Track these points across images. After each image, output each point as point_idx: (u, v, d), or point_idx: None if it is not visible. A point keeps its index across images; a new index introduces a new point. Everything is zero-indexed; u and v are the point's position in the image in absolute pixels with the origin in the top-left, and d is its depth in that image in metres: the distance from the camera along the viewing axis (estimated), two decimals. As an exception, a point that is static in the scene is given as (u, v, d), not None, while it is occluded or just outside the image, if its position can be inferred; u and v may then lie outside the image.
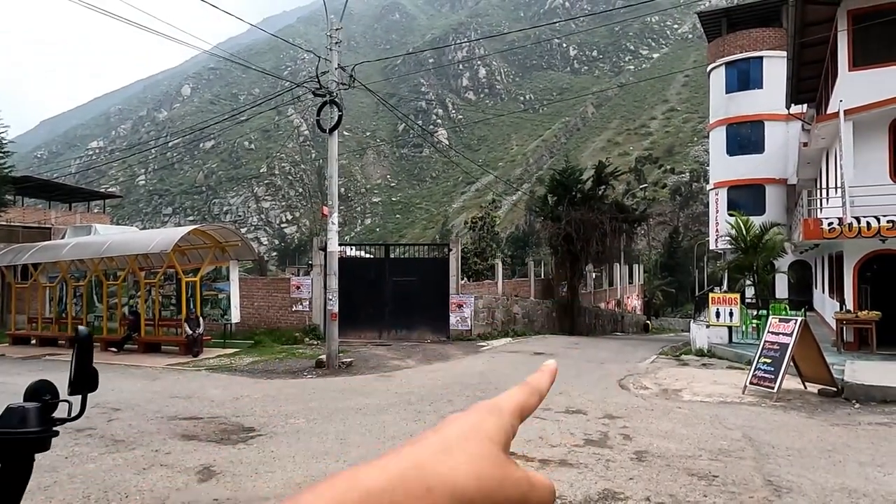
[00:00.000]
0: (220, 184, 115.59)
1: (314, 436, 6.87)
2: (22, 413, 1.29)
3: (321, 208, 13.81)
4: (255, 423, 7.45)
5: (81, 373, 1.41)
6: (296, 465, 5.76)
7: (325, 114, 12.69)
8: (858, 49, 14.13)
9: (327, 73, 12.56)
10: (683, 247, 58.00)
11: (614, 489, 5.12)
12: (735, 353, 13.47)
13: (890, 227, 12.15)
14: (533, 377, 0.49)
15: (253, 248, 16.91)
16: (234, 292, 15.40)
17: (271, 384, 10.63)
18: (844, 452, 6.26)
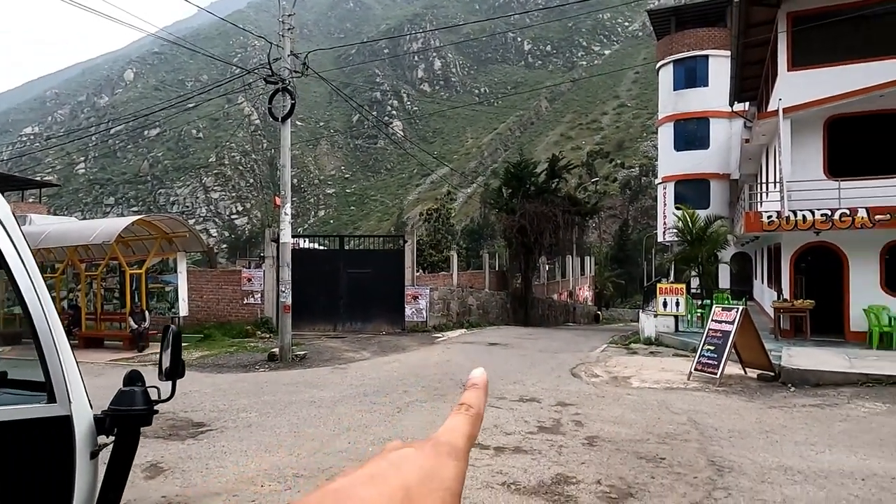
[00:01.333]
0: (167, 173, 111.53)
1: (267, 429, 6.76)
2: (132, 396, 1.72)
3: (273, 199, 13.52)
4: (206, 418, 7.26)
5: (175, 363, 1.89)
6: (248, 459, 5.66)
7: (277, 102, 12.40)
8: (797, 50, 14.78)
9: (279, 60, 12.27)
10: (633, 239, 59.60)
11: (567, 474, 5.25)
12: (681, 342, 13.97)
13: (823, 220, 12.81)
14: (469, 397, 0.46)
15: (202, 240, 16.41)
16: (181, 285, 14.93)
17: (222, 378, 10.38)
18: (781, 433, 6.60)
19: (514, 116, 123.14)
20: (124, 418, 1.79)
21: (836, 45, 14.52)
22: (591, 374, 10.75)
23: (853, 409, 7.68)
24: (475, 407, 0.45)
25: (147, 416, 1.81)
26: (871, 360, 10.33)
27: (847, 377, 9.19)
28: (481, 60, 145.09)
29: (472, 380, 0.48)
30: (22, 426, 1.65)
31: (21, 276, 1.77)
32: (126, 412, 1.79)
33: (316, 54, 15.54)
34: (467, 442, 0.42)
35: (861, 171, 13.55)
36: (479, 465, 5.44)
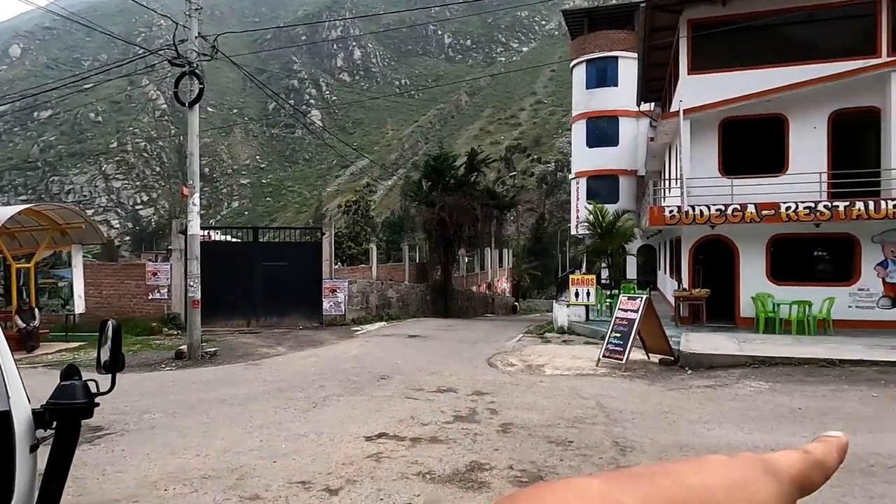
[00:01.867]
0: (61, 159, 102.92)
1: (172, 430, 6.44)
2: (72, 389, 1.75)
3: (181, 188, 12.82)
4: (104, 422, 6.81)
5: (114, 356, 1.93)
6: (150, 463, 5.37)
7: (184, 86, 11.75)
8: (696, 55, 15.79)
9: (186, 41, 11.62)
10: (549, 232, 61.58)
11: (481, 461, 5.37)
12: (591, 330, 14.62)
13: (718, 214, 13.81)
14: (814, 446, 0.40)
15: (100, 231, 15.31)
16: (77, 279, 13.89)
17: (124, 379, 9.69)
18: (678, 413, 7.08)
19: (435, 109, 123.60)
20: (64, 412, 1.84)
21: (732, 52, 15.64)
22: (507, 363, 11.04)
23: (741, 389, 8.36)
24: (815, 453, 0.40)
25: (88, 408, 1.85)
26: (758, 344, 11.28)
27: (737, 359, 9.99)
28: (402, 52, 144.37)
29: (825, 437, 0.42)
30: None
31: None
32: (66, 406, 1.83)
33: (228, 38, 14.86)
34: (794, 474, 0.37)
35: (751, 169, 14.72)
36: (394, 457, 5.46)
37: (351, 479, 4.92)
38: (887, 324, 13.33)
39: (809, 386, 8.39)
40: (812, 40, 15.28)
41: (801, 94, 14.13)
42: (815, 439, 0.42)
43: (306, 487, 4.75)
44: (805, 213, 13.21)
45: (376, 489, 4.69)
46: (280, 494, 4.61)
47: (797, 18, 14.98)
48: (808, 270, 14.47)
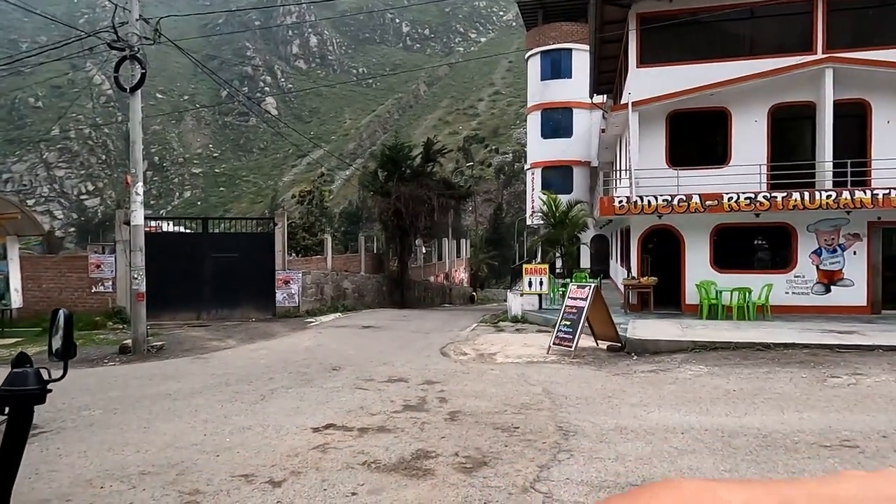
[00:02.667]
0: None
1: (112, 427, 6.27)
2: (24, 376, 1.77)
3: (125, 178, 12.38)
4: (39, 420, 6.55)
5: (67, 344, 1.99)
6: (87, 461, 5.22)
7: (125, 71, 11.31)
8: (645, 48, 16.15)
9: (127, 24, 11.18)
10: (506, 222, 62.12)
11: (427, 449, 5.43)
12: (544, 318, 14.88)
13: (665, 205, 14.23)
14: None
15: (38, 222, 14.67)
16: (13, 273, 13.28)
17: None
18: (620, 397, 7.31)
19: (393, 99, 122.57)
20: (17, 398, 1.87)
21: (679, 46, 16.06)
22: (460, 352, 11.14)
23: (681, 373, 8.68)
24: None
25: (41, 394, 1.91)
26: (700, 329, 11.72)
27: (679, 345, 10.36)
28: (359, 40, 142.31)
29: None
30: None
31: None
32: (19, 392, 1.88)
33: (177, 22, 14.36)
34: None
35: (696, 161, 15.21)
36: (341, 448, 5.46)
37: (295, 470, 4.90)
38: (820, 308, 14.06)
39: (745, 369, 8.77)
40: (753, 36, 15.84)
41: (742, 88, 14.66)
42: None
43: (249, 480, 4.71)
44: (746, 204, 13.75)
45: (320, 480, 4.69)
46: (222, 488, 4.56)
47: (740, 15, 15.50)
48: (749, 259, 15.09)
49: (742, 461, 5.01)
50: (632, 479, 4.68)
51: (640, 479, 4.66)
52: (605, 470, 4.86)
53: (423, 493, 4.44)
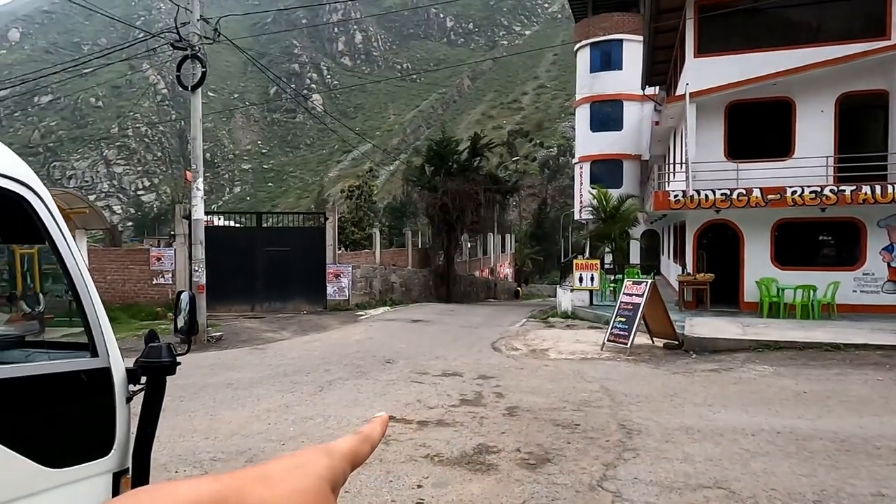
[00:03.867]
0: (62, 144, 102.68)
1: (181, 414, 6.48)
2: (159, 350, 2.11)
3: (184, 174, 12.80)
4: (112, 405, 6.86)
5: (191, 322, 2.38)
6: (160, 445, 5.39)
7: (186, 69, 11.67)
8: (703, 37, 15.61)
9: (188, 24, 11.52)
10: (551, 217, 61.46)
11: (488, 443, 5.40)
12: (595, 315, 14.64)
13: (723, 199, 13.75)
14: (366, 427, 0.50)
15: (103, 216, 15.32)
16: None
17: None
18: (683, 396, 7.11)
19: (437, 94, 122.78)
20: (153, 369, 2.21)
21: (739, 34, 15.47)
22: (511, 347, 11.07)
23: (745, 373, 8.38)
24: (368, 432, 0.49)
25: (171, 366, 2.22)
26: (761, 328, 11.29)
27: (740, 343, 10.00)
28: (403, 36, 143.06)
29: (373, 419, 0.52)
30: (74, 376, 2.10)
31: (66, 255, 2.16)
32: (154, 363, 2.20)
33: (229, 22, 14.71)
34: (349, 452, 0.46)
35: (757, 153, 14.63)
36: (402, 440, 5.49)
37: (359, 461, 4.95)
38: (891, 308, 13.33)
39: (814, 370, 8.40)
40: (820, 22, 15.10)
41: (808, 77, 13.99)
42: (367, 421, 0.52)
43: (315, 469, 4.78)
44: (811, 198, 13.15)
45: (385, 471, 4.73)
46: (289, 476, 4.64)
47: (805, 0, 14.80)
48: (813, 255, 14.44)
49: (820, 466, 4.79)
50: (702, 480, 4.54)
51: (712, 481, 4.51)
52: (673, 471, 4.73)
53: (487, 488, 4.42)
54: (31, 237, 2.27)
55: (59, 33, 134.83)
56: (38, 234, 2.19)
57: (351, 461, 0.45)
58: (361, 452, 0.47)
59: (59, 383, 2.10)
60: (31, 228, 2.18)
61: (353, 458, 0.46)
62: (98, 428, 2.18)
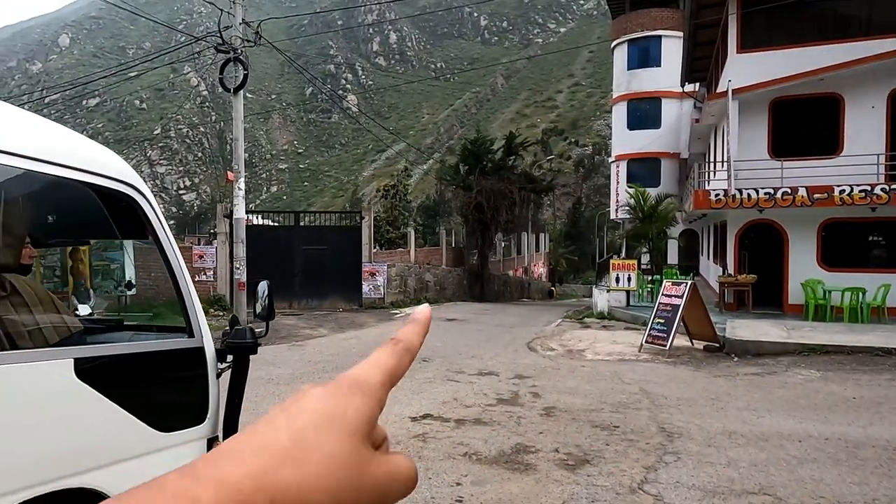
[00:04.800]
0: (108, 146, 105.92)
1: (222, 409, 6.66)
2: (244, 332, 2.44)
3: (226, 173, 13.13)
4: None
5: (269, 309, 2.70)
6: (207, 437, 5.58)
7: (228, 72, 11.97)
8: (746, 33, 15.22)
9: (230, 28, 11.80)
10: (586, 216, 60.79)
11: (525, 443, 5.40)
12: (632, 315, 14.43)
13: (767, 198, 13.38)
14: (403, 331, 0.42)
15: (149, 215, 15.83)
16: (129, 263, 14.41)
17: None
18: (725, 400, 6.95)
19: (471, 93, 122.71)
20: (238, 349, 2.60)
21: (783, 29, 15.02)
22: (547, 347, 11.01)
23: (790, 377, 8.14)
24: (406, 341, 0.41)
25: (254, 346, 2.61)
26: (807, 331, 10.95)
27: (785, 347, 9.73)
28: (437, 35, 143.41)
29: (413, 314, 0.44)
30: (177, 353, 2.51)
31: (168, 249, 2.52)
32: (239, 344, 2.59)
33: (267, 24, 15.03)
34: (386, 377, 0.38)
35: (802, 151, 14.19)
36: (440, 438, 5.53)
37: (398, 457, 5.01)
38: (947, 312, 12.76)
39: (864, 375, 8.11)
40: (870, 15, 14.55)
41: (858, 71, 13.49)
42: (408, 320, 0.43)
43: (355, 465, 4.86)
44: (860, 197, 12.68)
45: (424, 468, 4.77)
46: (331, 471, 4.73)
47: (855, -8, 14.29)
48: (863, 256, 13.93)
49: (872, 474, 4.63)
50: (747, 486, 4.44)
51: (758, 487, 4.41)
52: (716, 475, 4.64)
53: (527, 488, 4.42)
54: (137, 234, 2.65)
55: (105, 38, 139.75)
56: (143, 231, 2.50)
57: (390, 384, 0.38)
58: (401, 368, 0.39)
59: (165, 359, 2.49)
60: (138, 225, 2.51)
61: (392, 379, 0.38)
62: (195, 399, 2.57)
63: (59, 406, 2.14)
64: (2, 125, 2.04)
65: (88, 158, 2.32)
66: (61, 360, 2.13)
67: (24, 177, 2.07)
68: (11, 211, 2.29)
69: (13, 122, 2.12)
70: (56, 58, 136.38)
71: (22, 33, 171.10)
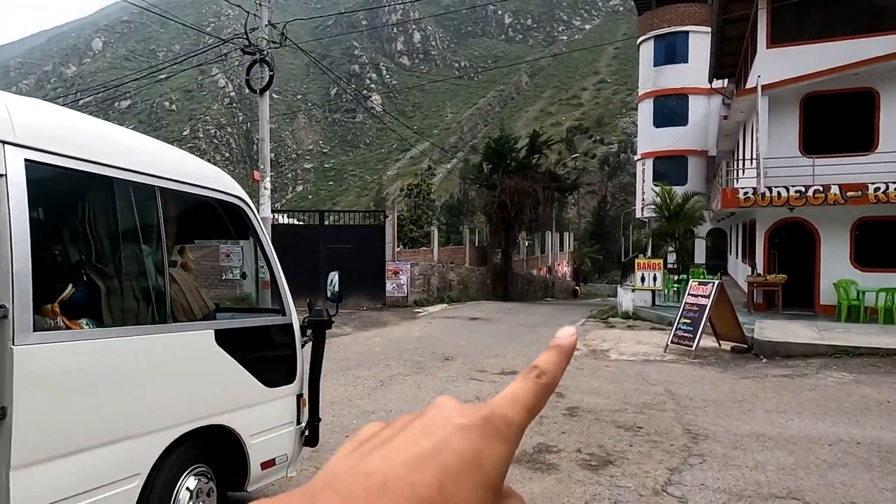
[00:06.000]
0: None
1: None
2: (321, 311, 3.60)
3: (252, 173, 13.32)
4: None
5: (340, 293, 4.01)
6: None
7: (254, 73, 12.14)
8: (776, 27, 14.88)
9: (256, 29, 11.97)
10: (611, 215, 60.13)
11: (548, 443, 5.38)
12: (657, 315, 14.25)
13: (797, 196, 13.08)
14: (544, 360, 0.37)
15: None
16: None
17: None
18: (753, 402, 6.83)
19: (495, 91, 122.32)
20: (317, 324, 3.59)
21: (815, 23, 14.66)
22: (571, 347, 10.92)
23: (821, 379, 7.96)
24: (549, 375, 0.36)
25: (329, 323, 3.62)
26: (839, 333, 10.67)
27: (816, 349, 9.50)
28: (461, 34, 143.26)
29: (556, 339, 0.38)
30: (275, 328, 3.52)
31: (267, 247, 3.48)
32: (318, 321, 3.58)
33: (292, 25, 15.20)
34: (526, 417, 0.35)
35: (834, 148, 13.83)
36: (462, 436, 5.54)
37: (420, 455, 5.04)
38: None
39: (899, 378, 7.89)
40: (908, 7, 14.11)
41: (894, 66, 13.09)
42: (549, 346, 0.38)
43: (378, 462, 4.89)
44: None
45: (445, 466, 4.78)
46: (353, 467, 4.77)
47: (891, -17, 13.87)
48: (898, 256, 13.52)
49: (906, 480, 4.50)
50: (775, 489, 4.36)
51: (786, 491, 4.33)
52: (743, 478, 4.56)
53: (548, 487, 4.40)
54: (245, 235, 3.57)
55: (136, 41, 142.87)
56: (247, 233, 3.47)
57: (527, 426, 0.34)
58: (539, 408, 0.35)
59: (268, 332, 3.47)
60: (245, 228, 3.42)
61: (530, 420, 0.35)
62: (288, 363, 3.48)
63: (206, 364, 3.03)
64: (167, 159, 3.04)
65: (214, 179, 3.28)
66: (206, 330, 3.08)
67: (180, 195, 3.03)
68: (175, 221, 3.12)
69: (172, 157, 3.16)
70: (89, 61, 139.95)
71: (57, 38, 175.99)
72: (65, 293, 2.61)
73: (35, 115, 2.49)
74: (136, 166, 2.75)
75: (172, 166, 3.01)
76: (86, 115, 2.99)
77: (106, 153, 2.64)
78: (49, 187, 2.48)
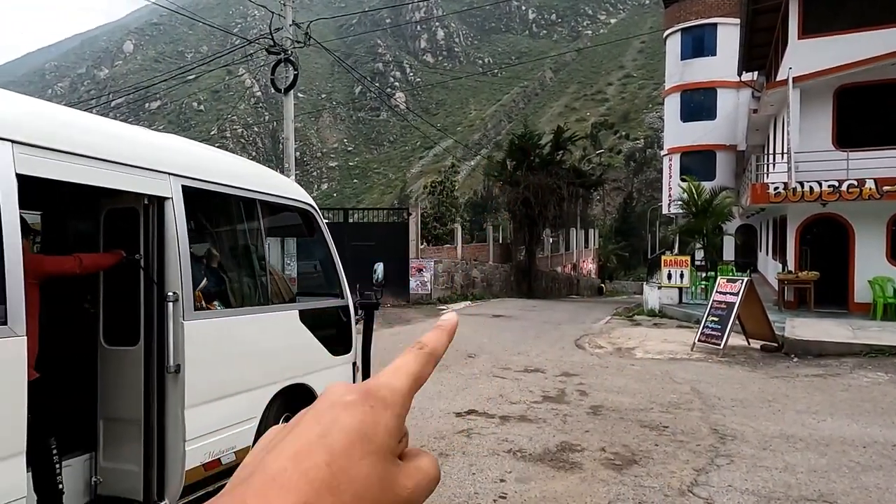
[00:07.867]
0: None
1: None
2: (370, 296, 4.80)
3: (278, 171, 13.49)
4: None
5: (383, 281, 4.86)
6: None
7: (279, 73, 12.28)
8: (808, 17, 14.49)
9: (281, 29, 12.10)
10: (637, 212, 59.34)
11: (571, 441, 5.34)
12: (684, 313, 14.02)
13: (831, 191, 12.73)
14: (429, 336, 0.42)
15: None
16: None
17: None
18: (783, 402, 6.68)
19: (518, 87, 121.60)
20: (367, 306, 4.61)
21: (848, 12, 14.24)
22: (595, 345, 10.84)
23: (855, 379, 7.74)
24: (430, 346, 0.40)
25: (377, 305, 4.70)
26: (875, 331, 10.37)
27: (850, 348, 9.24)
28: (485, 30, 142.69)
29: (439, 321, 0.43)
30: (337, 309, 4.47)
31: (330, 244, 4.41)
32: (368, 303, 4.62)
33: (317, 24, 15.30)
34: (410, 382, 0.38)
35: (869, 141, 13.42)
36: (485, 434, 5.53)
37: (443, 452, 5.05)
38: None
39: (937, 379, 7.63)
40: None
41: (933, 55, 12.65)
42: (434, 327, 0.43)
43: (401, 458, 4.92)
44: (935, 189, 11.90)
45: (468, 464, 4.79)
46: (376, 463, 4.81)
47: (931, -31, 13.39)
48: (937, 252, 13.08)
49: (944, 484, 4.36)
50: (805, 492, 4.26)
51: (817, 494, 4.22)
52: (772, 480, 4.47)
53: (571, 487, 4.37)
54: (313, 234, 4.42)
55: (166, 43, 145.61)
56: (314, 232, 4.39)
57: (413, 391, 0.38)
58: (424, 376, 0.39)
59: (332, 312, 4.44)
60: (314, 229, 4.37)
61: (416, 386, 0.38)
62: (345, 338, 4.49)
63: (293, 336, 4.00)
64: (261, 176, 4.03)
65: (290, 189, 4.26)
66: (292, 311, 4.04)
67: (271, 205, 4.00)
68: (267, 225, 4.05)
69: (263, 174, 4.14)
70: (121, 63, 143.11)
71: (90, 41, 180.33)
72: (202, 283, 3.50)
73: (186, 154, 3.53)
74: (244, 184, 3.73)
75: (264, 182, 3.97)
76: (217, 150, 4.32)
77: (230, 176, 3.65)
78: (193, 206, 3.36)
